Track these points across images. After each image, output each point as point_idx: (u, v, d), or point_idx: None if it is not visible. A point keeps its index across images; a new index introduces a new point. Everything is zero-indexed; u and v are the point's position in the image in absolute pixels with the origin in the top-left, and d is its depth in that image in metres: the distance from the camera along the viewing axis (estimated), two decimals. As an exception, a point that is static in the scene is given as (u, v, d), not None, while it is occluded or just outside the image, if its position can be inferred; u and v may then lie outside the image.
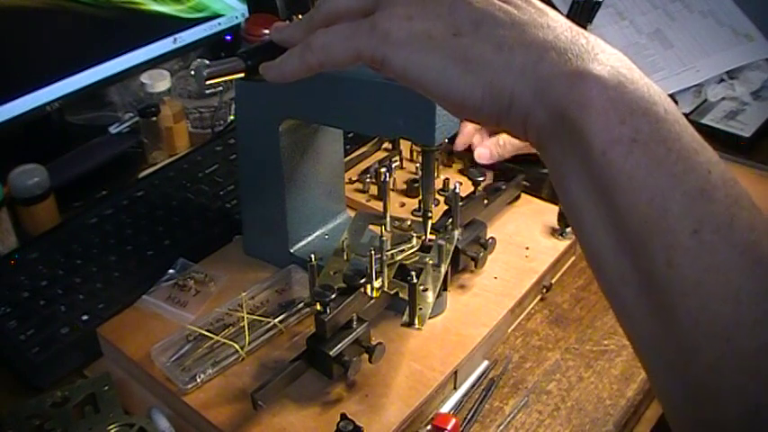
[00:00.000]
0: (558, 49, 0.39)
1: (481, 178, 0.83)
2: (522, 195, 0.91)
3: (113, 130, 1.08)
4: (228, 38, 1.17)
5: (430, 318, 0.72)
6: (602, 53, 0.39)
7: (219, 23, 1.13)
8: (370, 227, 0.80)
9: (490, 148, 0.88)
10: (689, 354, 0.37)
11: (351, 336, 0.66)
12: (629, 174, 0.36)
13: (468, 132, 0.91)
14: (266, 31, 1.16)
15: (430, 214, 0.72)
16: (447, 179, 0.93)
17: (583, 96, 0.37)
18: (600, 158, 0.37)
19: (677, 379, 0.38)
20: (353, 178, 0.95)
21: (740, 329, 0.36)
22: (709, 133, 1.10)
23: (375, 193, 0.93)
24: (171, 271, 0.80)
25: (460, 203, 0.77)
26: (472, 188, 0.84)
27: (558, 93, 0.38)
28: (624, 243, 0.37)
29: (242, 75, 0.51)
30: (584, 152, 0.37)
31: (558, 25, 0.40)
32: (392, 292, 0.72)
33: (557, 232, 0.86)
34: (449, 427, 0.67)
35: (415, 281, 0.68)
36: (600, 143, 0.37)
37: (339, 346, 0.65)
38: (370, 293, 0.70)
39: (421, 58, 0.41)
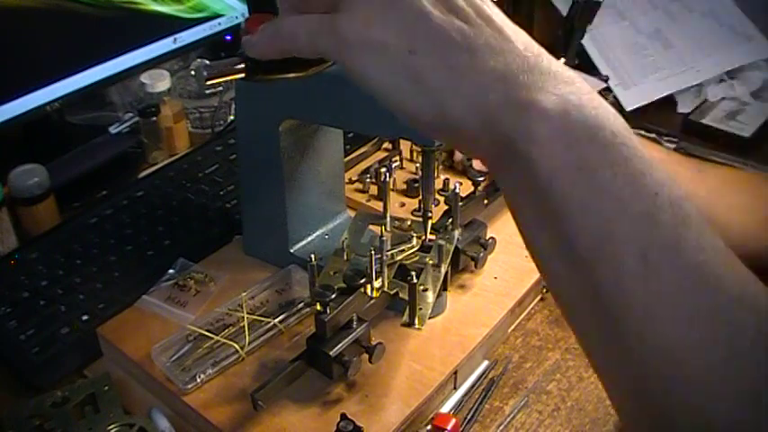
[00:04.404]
0: (507, 78, 0.39)
1: (481, 178, 0.83)
2: (522, 195, 0.91)
3: (113, 130, 1.08)
4: (228, 38, 1.17)
5: (430, 318, 0.72)
6: (551, 80, 0.39)
7: (219, 23, 1.13)
8: (370, 227, 0.80)
9: None
10: (643, 378, 0.37)
11: (351, 336, 0.66)
12: (576, 200, 0.37)
13: None
14: (266, 31, 1.16)
15: (430, 214, 0.72)
16: (447, 179, 0.93)
17: (528, 127, 0.38)
18: (546, 187, 0.37)
19: (634, 402, 0.39)
20: (353, 178, 0.95)
21: (691, 352, 0.36)
22: (709, 133, 1.10)
23: (375, 193, 0.93)
24: (171, 271, 0.80)
25: (460, 203, 0.77)
26: (472, 188, 0.84)
27: (505, 124, 0.38)
28: (575, 270, 0.38)
29: (242, 75, 0.51)
30: (531, 181, 0.38)
31: (512, 48, 0.40)
32: (392, 292, 0.72)
33: (557, 232, 0.86)
34: (449, 427, 0.67)
35: (415, 281, 0.68)
36: (546, 172, 0.37)
37: (339, 346, 0.65)
38: (370, 293, 0.69)
39: (376, 69, 0.41)
